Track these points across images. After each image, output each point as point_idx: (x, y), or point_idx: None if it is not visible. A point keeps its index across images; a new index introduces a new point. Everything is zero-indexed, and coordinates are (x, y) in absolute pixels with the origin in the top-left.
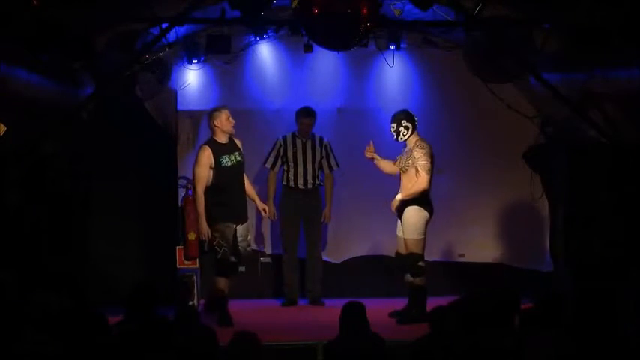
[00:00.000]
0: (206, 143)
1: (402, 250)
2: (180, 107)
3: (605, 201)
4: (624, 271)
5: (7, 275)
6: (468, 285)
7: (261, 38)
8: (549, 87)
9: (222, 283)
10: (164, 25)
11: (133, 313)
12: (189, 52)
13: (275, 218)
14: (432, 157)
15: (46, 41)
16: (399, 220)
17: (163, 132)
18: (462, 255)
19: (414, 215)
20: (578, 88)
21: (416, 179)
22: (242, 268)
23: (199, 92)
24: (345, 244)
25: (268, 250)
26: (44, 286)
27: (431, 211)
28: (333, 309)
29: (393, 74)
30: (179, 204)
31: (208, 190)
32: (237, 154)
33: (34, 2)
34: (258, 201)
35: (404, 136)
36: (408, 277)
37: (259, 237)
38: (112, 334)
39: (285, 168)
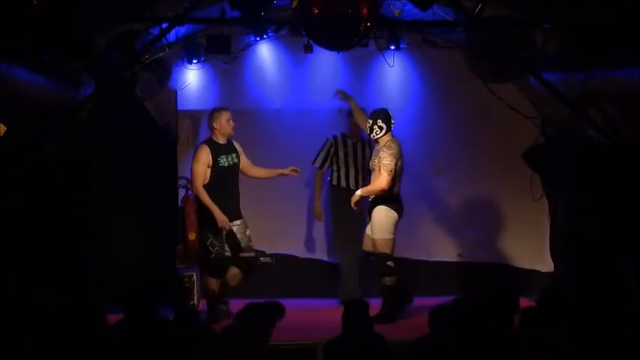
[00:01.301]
0: (205, 142)
1: (368, 248)
2: (180, 107)
3: (605, 201)
4: (623, 270)
5: (8, 275)
6: (468, 285)
7: (261, 38)
8: (549, 87)
9: (213, 283)
10: (164, 25)
11: (132, 313)
12: (189, 52)
13: (323, 218)
14: (400, 159)
15: (46, 41)
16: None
17: (163, 132)
18: (462, 255)
19: (384, 215)
20: (578, 88)
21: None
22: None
23: (199, 92)
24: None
25: (270, 249)
26: (44, 285)
27: (399, 212)
28: (333, 309)
29: (393, 74)
30: (179, 204)
31: (204, 188)
32: (234, 155)
33: (34, 2)
34: (281, 170)
35: (376, 134)
36: (385, 280)
37: (259, 237)
38: (111, 334)
39: (335, 168)
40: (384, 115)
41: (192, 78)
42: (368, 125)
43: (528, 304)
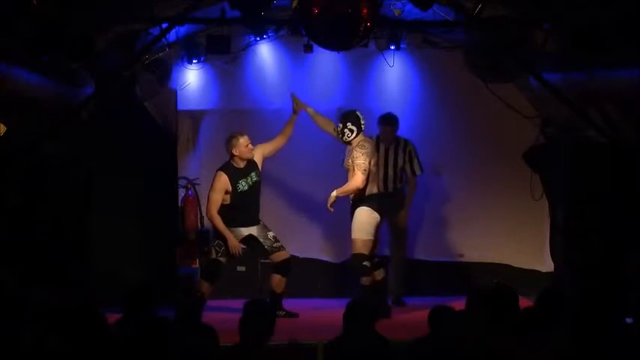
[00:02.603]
0: (223, 169)
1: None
2: (180, 107)
3: (605, 201)
4: (623, 270)
5: (8, 274)
6: (468, 285)
7: (261, 38)
8: (549, 87)
9: (204, 286)
10: (164, 25)
11: (131, 314)
12: (189, 52)
13: None
14: (373, 157)
15: (46, 41)
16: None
17: (163, 132)
18: (462, 255)
19: (366, 217)
20: (578, 88)
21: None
22: (242, 268)
23: (199, 92)
24: (345, 244)
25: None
26: (44, 285)
27: (382, 213)
28: (333, 309)
29: (393, 74)
30: (179, 204)
31: (221, 207)
32: (253, 174)
33: (34, 2)
34: (291, 120)
35: (347, 137)
36: (362, 280)
37: None
38: (111, 333)
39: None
40: (354, 117)
41: (192, 78)
42: (338, 129)
43: (528, 304)
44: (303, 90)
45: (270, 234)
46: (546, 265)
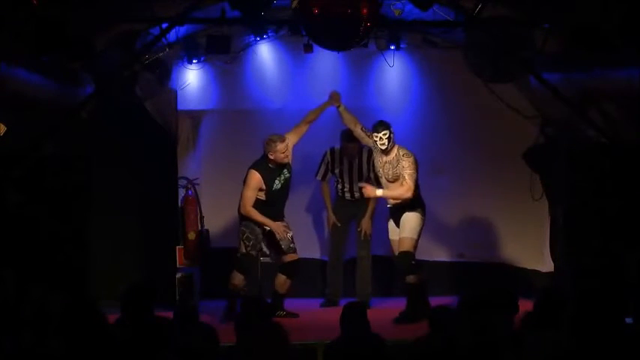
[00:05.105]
0: (257, 168)
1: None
2: (180, 107)
3: (605, 201)
4: (623, 270)
5: (7, 274)
6: (468, 285)
7: (261, 38)
8: (549, 87)
9: (237, 278)
10: (164, 25)
11: (130, 313)
12: (189, 52)
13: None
14: (417, 165)
15: (46, 41)
16: (390, 225)
17: (163, 132)
18: (462, 255)
19: (417, 218)
20: (578, 88)
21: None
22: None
23: (199, 92)
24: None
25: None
26: (44, 285)
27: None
28: (333, 309)
29: (393, 74)
30: (179, 204)
31: (259, 203)
32: (285, 171)
33: (34, 2)
34: (322, 107)
35: (382, 147)
36: (409, 278)
37: None
38: (110, 333)
39: (335, 180)
40: (390, 126)
41: (192, 78)
42: (385, 136)
43: (528, 304)
44: (303, 90)
45: (290, 234)
46: (546, 265)
